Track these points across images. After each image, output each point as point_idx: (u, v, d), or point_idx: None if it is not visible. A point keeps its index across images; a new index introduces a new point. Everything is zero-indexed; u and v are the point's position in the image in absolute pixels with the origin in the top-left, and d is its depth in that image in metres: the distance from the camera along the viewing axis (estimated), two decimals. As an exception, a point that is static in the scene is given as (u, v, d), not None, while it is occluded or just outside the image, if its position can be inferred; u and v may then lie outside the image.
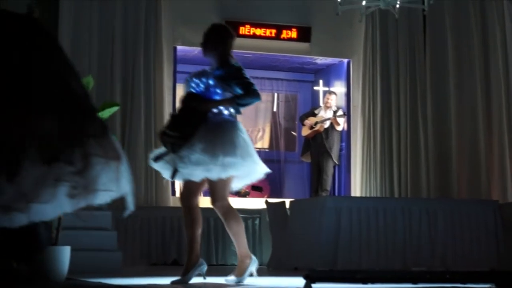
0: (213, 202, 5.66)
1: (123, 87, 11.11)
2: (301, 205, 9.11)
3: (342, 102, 12.72)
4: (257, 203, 10.48)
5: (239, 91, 5.70)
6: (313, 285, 4.78)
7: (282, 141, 14.49)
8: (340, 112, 11.98)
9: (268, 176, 6.01)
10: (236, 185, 5.80)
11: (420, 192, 12.03)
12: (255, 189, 12.66)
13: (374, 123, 12.15)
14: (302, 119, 12.33)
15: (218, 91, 5.68)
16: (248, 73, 5.88)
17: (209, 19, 11.75)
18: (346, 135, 12.51)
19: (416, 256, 8.49)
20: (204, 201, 6.27)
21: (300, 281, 4.82)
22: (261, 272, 7.42)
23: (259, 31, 12.03)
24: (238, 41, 12.15)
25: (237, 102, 5.67)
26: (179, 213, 9.90)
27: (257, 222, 10.09)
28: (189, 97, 5.74)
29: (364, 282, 5.06)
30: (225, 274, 5.93)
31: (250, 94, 5.68)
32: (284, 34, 12.20)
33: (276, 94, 14.52)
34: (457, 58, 12.34)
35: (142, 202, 10.59)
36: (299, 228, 8.76)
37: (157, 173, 6.22)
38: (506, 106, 11.79)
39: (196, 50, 12.45)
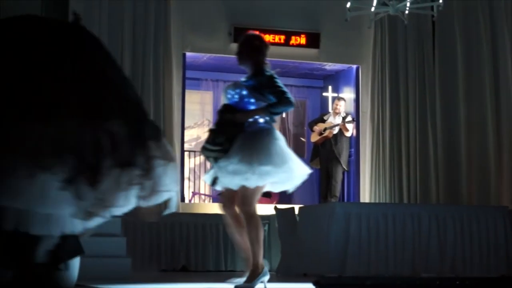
0: (239, 205, 5.76)
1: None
2: (310, 211, 9.11)
3: (351, 108, 12.73)
4: (266, 209, 10.47)
5: (272, 99, 5.80)
6: (322, 291, 4.78)
7: (291, 147, 14.46)
8: (349, 118, 11.99)
9: (277, 182, 6.02)
10: (277, 190, 5.97)
11: (430, 198, 12.01)
12: (264, 195, 12.63)
13: (383, 129, 12.14)
14: (311, 125, 12.34)
15: (252, 100, 5.80)
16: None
17: (218, 26, 11.83)
18: (355, 141, 12.51)
19: (425, 263, 8.47)
20: (213, 207, 6.29)
21: (310, 287, 4.81)
22: (270, 278, 7.42)
23: (268, 37, 12.02)
24: (247, 47, 12.25)
25: (271, 111, 5.79)
26: (188, 219, 9.98)
27: (266, 228, 10.07)
28: (224, 109, 5.85)
29: (373, 288, 5.06)
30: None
31: (283, 102, 5.81)
32: (293, 40, 12.22)
33: (285, 100, 14.52)
34: (466, 64, 12.31)
35: (152, 207, 10.57)
36: (308, 234, 8.76)
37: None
38: (515, 111, 11.77)
39: (206, 56, 12.52)
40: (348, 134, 11.97)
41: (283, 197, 13.31)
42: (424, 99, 12.29)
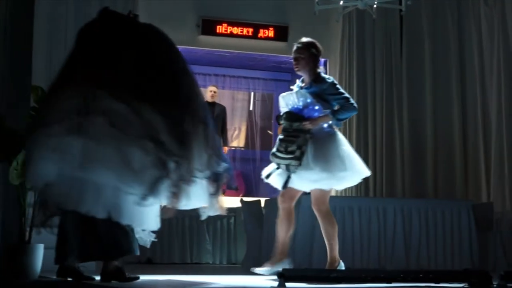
0: (315, 205, 6.16)
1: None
2: (276, 204, 9.08)
3: (319, 102, 12.73)
4: (232, 201, 10.45)
5: (336, 105, 6.06)
6: (287, 284, 4.78)
7: (258, 140, 14.49)
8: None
9: (243, 174, 6.11)
10: (342, 187, 6.42)
11: (395, 191, 12.06)
12: (230, 188, 12.64)
13: (350, 122, 12.16)
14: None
15: (316, 107, 6.01)
16: (225, 71, 5.98)
17: (186, 17, 11.78)
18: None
19: (390, 256, 8.52)
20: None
21: (275, 280, 4.81)
22: (235, 271, 7.42)
23: (236, 30, 12.01)
24: (214, 39, 12.26)
25: (337, 118, 6.05)
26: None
27: (232, 221, 10.05)
28: (289, 117, 6.10)
29: (339, 281, 5.07)
30: (201, 272, 5.91)
31: (348, 108, 6.09)
32: (261, 33, 12.19)
33: (252, 93, 14.51)
34: (433, 58, 12.38)
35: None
36: (274, 227, 8.74)
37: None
38: (481, 108, 11.84)
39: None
40: (315, 127, 11.96)
41: (250, 190, 13.33)
42: (391, 93, 12.33)
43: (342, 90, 6.16)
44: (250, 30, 12.12)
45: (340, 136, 6.18)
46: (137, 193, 5.00)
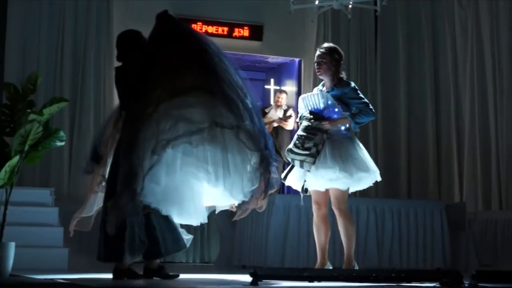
0: (335, 205, 6.21)
1: (73, 83, 10.98)
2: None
3: (293, 101, 12.74)
4: (206, 201, 10.42)
5: (354, 109, 6.22)
6: (260, 282, 4.78)
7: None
8: (290, 112, 11.99)
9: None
10: (353, 189, 6.37)
11: (369, 191, 12.07)
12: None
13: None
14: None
15: (336, 110, 6.18)
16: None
17: (161, 16, 11.71)
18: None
19: (363, 255, 8.54)
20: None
21: (247, 278, 4.81)
22: (208, 270, 7.40)
23: (211, 29, 11.99)
24: (189, 38, 12.16)
25: (356, 121, 6.20)
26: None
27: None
28: (312, 117, 6.22)
29: (311, 280, 5.08)
30: (174, 271, 5.89)
31: (366, 113, 6.24)
32: (236, 32, 12.19)
33: (227, 92, 14.48)
34: (407, 59, 12.44)
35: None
36: (248, 226, 8.76)
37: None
38: (454, 109, 11.91)
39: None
40: (288, 127, 11.98)
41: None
42: (365, 93, 12.26)
43: (362, 95, 6.34)
44: (225, 29, 12.11)
45: (357, 140, 6.34)
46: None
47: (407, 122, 12.32)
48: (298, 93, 12.66)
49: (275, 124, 11.87)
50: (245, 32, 12.23)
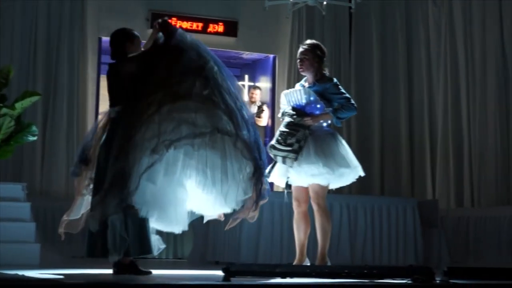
0: (314, 200, 6.31)
1: (46, 77, 10.91)
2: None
3: (267, 97, 12.75)
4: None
5: (337, 105, 6.29)
6: (232, 279, 4.77)
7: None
8: (263, 109, 12.01)
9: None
10: (335, 185, 6.47)
11: (342, 188, 12.07)
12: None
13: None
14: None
15: (318, 106, 6.25)
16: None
17: (135, 11, 11.68)
18: (270, 131, 12.53)
19: (336, 251, 8.56)
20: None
21: (220, 274, 4.80)
22: (181, 266, 7.39)
23: (185, 24, 11.94)
24: (164, 33, 12.11)
25: (337, 116, 6.26)
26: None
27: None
28: (295, 113, 6.28)
29: (283, 276, 5.08)
30: (147, 267, 5.88)
31: (348, 108, 6.33)
32: (211, 28, 12.15)
33: (201, 88, 14.45)
34: (381, 57, 12.48)
35: (64, 194, 10.42)
36: (221, 222, 8.73)
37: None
38: (427, 107, 11.95)
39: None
40: (262, 123, 11.98)
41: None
42: (339, 90, 12.37)
43: (343, 91, 6.41)
44: (200, 24, 12.08)
45: (339, 136, 6.38)
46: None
47: (381, 120, 12.36)
48: (273, 89, 12.67)
49: (249, 120, 11.86)
50: (220, 28, 12.20)
